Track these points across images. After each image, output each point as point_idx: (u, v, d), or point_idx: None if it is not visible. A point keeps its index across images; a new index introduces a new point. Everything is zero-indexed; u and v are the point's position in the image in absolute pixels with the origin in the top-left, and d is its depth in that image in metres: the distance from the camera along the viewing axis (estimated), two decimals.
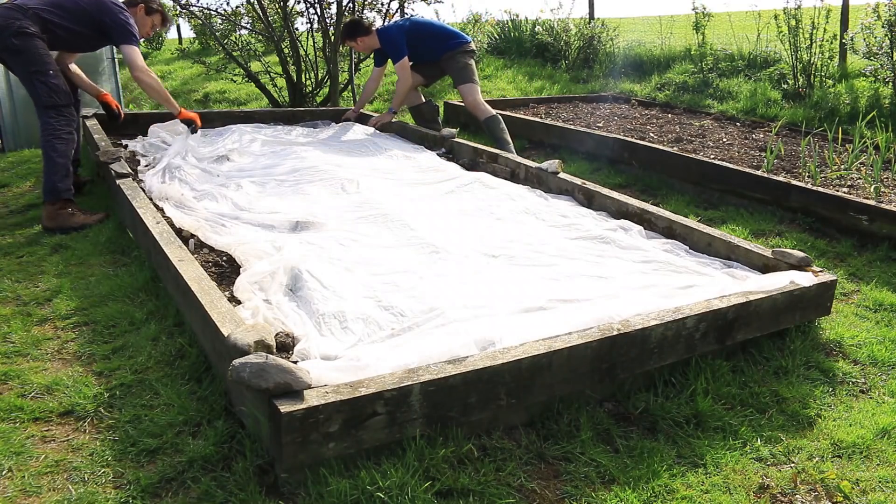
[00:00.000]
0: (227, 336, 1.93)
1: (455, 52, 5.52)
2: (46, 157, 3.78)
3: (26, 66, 3.74)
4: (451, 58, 5.53)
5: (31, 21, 3.72)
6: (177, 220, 3.34)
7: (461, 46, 5.53)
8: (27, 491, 1.78)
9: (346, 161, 4.53)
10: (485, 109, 5.45)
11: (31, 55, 3.72)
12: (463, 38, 5.59)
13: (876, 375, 2.54)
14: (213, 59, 8.15)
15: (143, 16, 4.27)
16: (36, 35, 3.74)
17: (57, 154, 3.77)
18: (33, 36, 3.73)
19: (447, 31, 5.63)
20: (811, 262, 2.74)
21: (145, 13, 4.28)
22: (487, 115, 5.42)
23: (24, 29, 3.69)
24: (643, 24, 11.60)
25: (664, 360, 2.28)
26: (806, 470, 2.00)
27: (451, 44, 5.53)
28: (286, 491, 1.76)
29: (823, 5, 6.74)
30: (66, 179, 3.79)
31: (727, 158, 4.94)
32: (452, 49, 5.52)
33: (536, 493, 1.85)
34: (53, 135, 3.78)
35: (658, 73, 8.21)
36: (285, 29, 7.10)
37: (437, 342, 2.03)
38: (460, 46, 5.53)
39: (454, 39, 5.55)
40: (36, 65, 3.73)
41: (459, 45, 5.53)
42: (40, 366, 2.38)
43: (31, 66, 3.73)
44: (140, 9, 4.24)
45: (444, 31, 5.64)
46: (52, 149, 3.77)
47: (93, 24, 3.97)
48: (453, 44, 5.53)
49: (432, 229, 3.24)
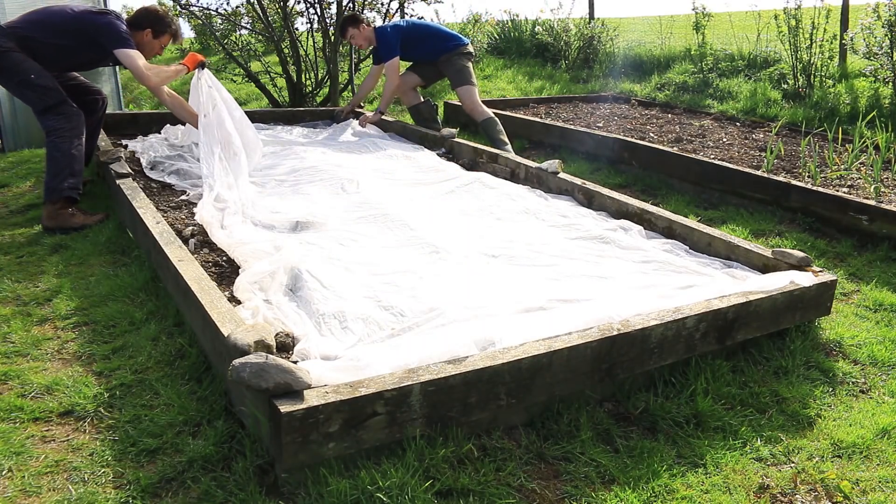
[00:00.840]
0: (227, 336, 1.93)
1: (452, 53, 5.54)
2: (50, 157, 3.78)
3: (11, 79, 3.76)
4: (448, 60, 5.55)
5: (6, 38, 3.69)
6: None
7: (458, 48, 5.55)
8: (27, 491, 1.78)
9: (346, 161, 4.53)
10: (482, 111, 5.46)
11: (11, 68, 3.71)
12: (461, 40, 5.61)
13: (876, 375, 2.54)
14: (213, 59, 8.16)
15: (150, 40, 4.10)
16: (12, 49, 3.70)
17: (59, 153, 3.76)
18: (9, 51, 3.69)
19: (445, 33, 5.65)
20: (811, 262, 2.74)
21: (153, 37, 4.10)
22: (485, 117, 5.44)
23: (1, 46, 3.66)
24: (643, 24, 11.59)
25: (664, 360, 2.28)
26: (806, 470, 2.00)
27: (448, 45, 5.55)
28: (286, 491, 1.76)
29: (823, 5, 6.74)
30: (70, 178, 3.74)
31: (727, 158, 4.94)
32: (450, 51, 5.54)
33: (536, 493, 1.85)
34: (55, 134, 3.77)
35: (658, 73, 8.21)
36: (285, 29, 7.10)
37: (437, 342, 2.03)
38: (457, 48, 5.55)
39: (452, 41, 5.57)
40: (18, 74, 3.72)
41: (457, 48, 5.55)
42: (40, 366, 2.38)
43: (15, 76, 3.73)
44: (147, 34, 4.07)
45: (442, 32, 5.67)
46: (54, 148, 3.77)
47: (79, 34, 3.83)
48: (451, 45, 5.55)
49: (432, 229, 3.24)
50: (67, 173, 3.76)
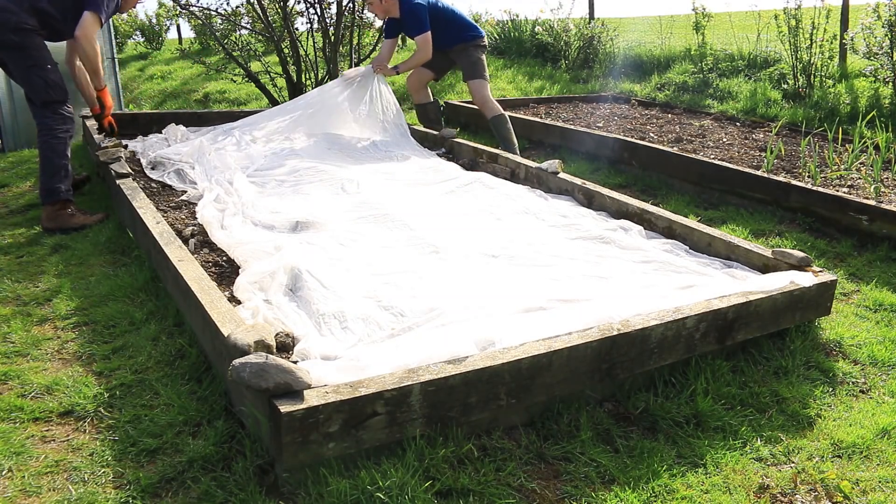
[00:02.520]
0: (227, 336, 1.93)
1: (469, 44, 5.34)
2: (44, 158, 3.75)
3: (24, 62, 3.70)
4: (464, 49, 5.35)
5: (28, 14, 3.65)
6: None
7: (476, 40, 5.36)
8: (27, 491, 1.78)
9: (346, 161, 4.53)
10: (493, 107, 5.30)
11: (29, 51, 3.68)
12: (479, 31, 5.41)
13: (876, 375, 2.54)
14: (213, 59, 8.15)
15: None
16: (34, 30, 3.69)
17: (55, 155, 3.74)
18: (32, 32, 3.68)
19: (465, 22, 5.42)
20: (811, 262, 2.74)
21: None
22: (495, 114, 5.28)
23: (23, 24, 3.64)
24: (643, 24, 11.59)
25: (664, 360, 2.28)
26: (806, 470, 2.00)
27: (466, 35, 5.34)
28: (286, 491, 1.76)
29: (823, 5, 6.74)
30: (66, 180, 3.77)
31: (727, 158, 4.94)
32: (467, 41, 5.34)
33: (536, 493, 1.85)
34: (51, 135, 3.75)
35: (658, 73, 8.21)
36: (285, 29, 7.10)
37: (437, 342, 2.03)
38: (475, 39, 5.36)
39: (470, 31, 5.37)
40: (34, 59, 3.69)
41: (475, 38, 5.36)
42: (40, 366, 2.38)
43: (29, 60, 3.69)
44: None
45: (463, 20, 5.42)
46: (49, 149, 3.74)
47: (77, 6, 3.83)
48: (469, 35, 5.35)
49: (432, 229, 3.24)
50: (63, 175, 3.76)
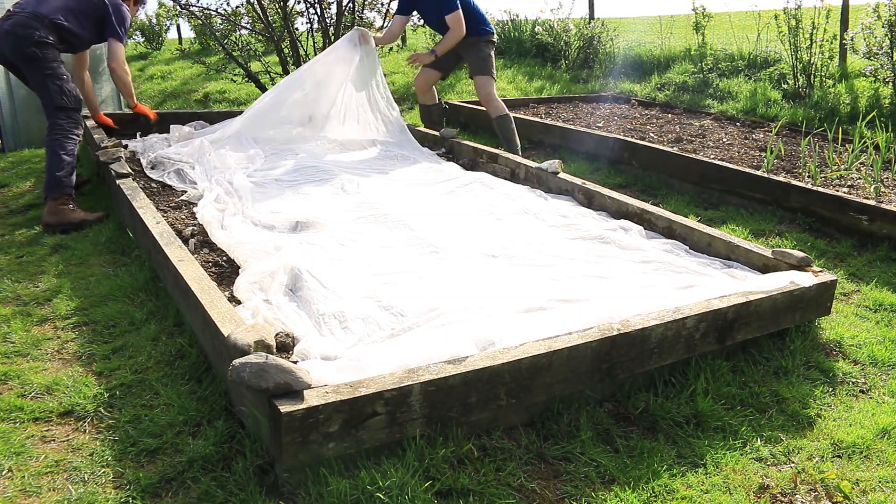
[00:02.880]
0: (227, 336, 1.93)
1: (482, 38, 5.22)
2: (52, 154, 3.87)
3: (42, 71, 3.91)
4: (475, 44, 5.21)
5: (48, 30, 3.91)
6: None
7: (488, 35, 5.26)
8: (27, 491, 1.78)
9: (346, 161, 4.53)
10: (497, 106, 5.20)
11: (48, 61, 3.91)
12: (491, 27, 5.32)
13: (876, 375, 2.54)
14: (213, 59, 8.14)
15: (131, 6, 4.50)
16: (54, 45, 3.95)
17: (64, 152, 3.88)
18: (51, 46, 3.93)
19: (480, 16, 5.28)
20: (811, 262, 2.74)
21: (133, 3, 4.54)
22: (499, 114, 5.18)
23: (44, 39, 3.88)
24: (643, 24, 11.59)
25: (664, 360, 2.28)
26: (806, 470, 2.00)
27: (480, 29, 5.21)
28: (286, 491, 1.76)
29: (823, 5, 6.74)
30: (70, 176, 3.88)
31: (727, 158, 4.94)
32: (479, 35, 5.20)
33: (536, 493, 1.85)
34: (63, 134, 3.91)
35: (658, 74, 8.21)
36: (285, 29, 7.09)
37: (437, 342, 2.03)
38: (487, 35, 5.25)
39: (483, 26, 5.24)
40: (51, 69, 3.92)
41: (486, 34, 5.24)
42: (40, 366, 2.38)
43: (47, 70, 3.91)
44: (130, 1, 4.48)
45: (480, 14, 5.28)
46: (59, 146, 3.88)
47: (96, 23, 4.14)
48: (482, 30, 5.22)
49: (432, 229, 3.24)
50: (69, 170, 3.88)
